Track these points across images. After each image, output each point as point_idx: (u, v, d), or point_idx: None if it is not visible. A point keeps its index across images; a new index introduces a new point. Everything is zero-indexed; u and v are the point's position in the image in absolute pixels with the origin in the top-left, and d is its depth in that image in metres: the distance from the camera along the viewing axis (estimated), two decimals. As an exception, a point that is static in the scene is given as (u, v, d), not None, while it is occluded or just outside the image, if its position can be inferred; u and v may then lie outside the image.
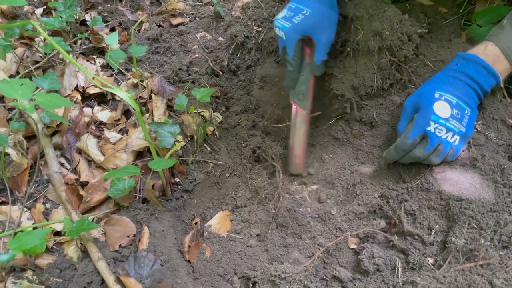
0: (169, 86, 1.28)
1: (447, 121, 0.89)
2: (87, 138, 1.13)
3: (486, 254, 0.78)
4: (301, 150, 1.13)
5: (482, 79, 0.92)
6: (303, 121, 1.12)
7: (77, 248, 0.95)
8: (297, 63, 1.06)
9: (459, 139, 0.91)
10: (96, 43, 1.44)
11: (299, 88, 1.10)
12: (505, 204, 0.86)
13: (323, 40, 1.02)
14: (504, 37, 0.92)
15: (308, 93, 1.10)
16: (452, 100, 0.91)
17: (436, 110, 0.90)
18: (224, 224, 1.02)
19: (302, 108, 1.11)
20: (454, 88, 0.92)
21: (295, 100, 1.11)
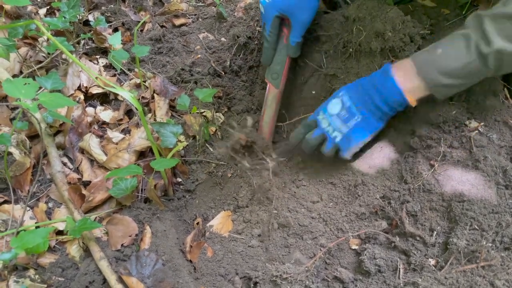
0: (171, 86, 1.28)
1: (331, 116, 0.99)
2: (89, 138, 1.13)
3: (487, 255, 0.78)
4: (269, 127, 1.19)
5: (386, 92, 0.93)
6: (274, 100, 1.16)
7: (79, 247, 0.95)
8: (273, 40, 1.10)
9: (341, 137, 0.98)
10: (99, 43, 1.45)
11: (274, 67, 1.14)
12: (507, 205, 0.86)
13: (298, 21, 1.04)
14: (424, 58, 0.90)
15: (281, 73, 1.14)
16: (347, 102, 0.97)
17: (329, 104, 0.99)
18: (225, 224, 1.02)
19: (274, 86, 1.15)
20: (356, 94, 0.97)
21: (269, 78, 1.15)
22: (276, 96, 1.15)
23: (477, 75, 0.85)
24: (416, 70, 0.89)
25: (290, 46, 1.10)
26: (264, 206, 1.03)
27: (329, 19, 1.21)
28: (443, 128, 1.01)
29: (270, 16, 1.06)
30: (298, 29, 1.06)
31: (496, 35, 0.79)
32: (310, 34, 1.24)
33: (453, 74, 0.85)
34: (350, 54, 1.13)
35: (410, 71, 0.90)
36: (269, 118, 1.18)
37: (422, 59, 0.89)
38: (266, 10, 1.06)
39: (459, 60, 0.83)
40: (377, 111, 0.95)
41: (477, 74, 0.84)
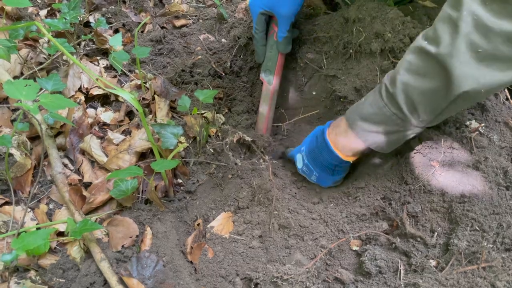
0: (172, 88, 1.28)
1: (300, 170, 1.08)
2: (90, 139, 1.13)
3: (488, 256, 0.78)
4: (264, 123, 1.21)
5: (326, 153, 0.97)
6: (267, 96, 1.18)
7: (80, 248, 0.95)
8: (260, 36, 1.13)
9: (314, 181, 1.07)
10: (99, 45, 1.45)
11: (267, 64, 1.16)
12: (508, 206, 0.86)
13: (282, 16, 1.07)
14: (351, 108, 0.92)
15: (274, 70, 1.15)
16: (305, 159, 1.04)
17: (297, 158, 1.08)
18: (226, 225, 1.02)
19: (267, 83, 1.17)
20: (309, 152, 1.03)
21: (262, 75, 1.18)
22: (269, 92, 1.17)
23: (397, 121, 0.82)
24: (345, 123, 0.91)
25: (278, 42, 1.12)
26: (264, 207, 1.03)
27: (329, 20, 1.21)
28: (443, 129, 1.01)
29: (255, 13, 1.09)
30: (283, 24, 1.08)
31: (401, 72, 0.77)
32: (310, 35, 1.24)
33: (371, 119, 0.85)
34: (350, 55, 1.13)
35: (340, 128, 0.92)
36: (263, 115, 1.20)
37: (349, 111, 0.91)
38: (252, 8, 1.10)
39: (374, 104, 0.84)
40: (327, 168, 1.00)
41: (396, 120, 0.82)
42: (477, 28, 0.64)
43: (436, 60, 0.70)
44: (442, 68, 0.70)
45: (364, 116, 0.86)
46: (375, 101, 0.84)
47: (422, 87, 0.74)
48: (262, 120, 1.22)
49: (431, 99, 0.75)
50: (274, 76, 1.16)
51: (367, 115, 0.85)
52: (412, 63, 0.75)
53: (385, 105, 0.81)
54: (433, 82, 0.72)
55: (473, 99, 0.75)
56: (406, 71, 0.76)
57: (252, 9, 1.11)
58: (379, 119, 0.84)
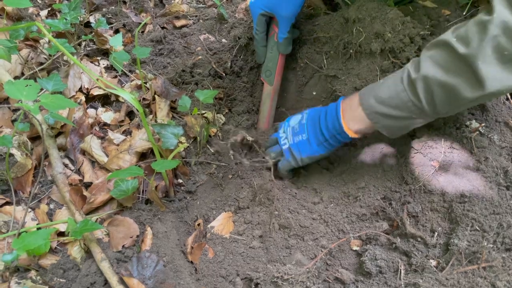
0: (172, 88, 1.28)
1: (289, 126, 1.07)
2: (91, 139, 1.13)
3: (489, 256, 0.78)
4: (264, 124, 1.23)
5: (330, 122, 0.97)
6: (268, 97, 1.19)
7: (81, 248, 0.96)
8: (260, 37, 1.14)
9: (286, 147, 1.07)
10: (100, 45, 1.45)
11: (267, 64, 1.17)
12: (508, 206, 0.86)
13: (282, 17, 1.07)
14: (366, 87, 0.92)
15: (274, 70, 1.16)
16: (303, 119, 1.04)
17: (293, 117, 1.08)
18: (226, 225, 1.02)
19: (268, 84, 1.18)
20: (312, 115, 1.03)
21: (263, 76, 1.19)
22: (270, 93, 1.18)
23: (412, 108, 0.82)
24: (358, 99, 0.90)
25: (278, 43, 1.13)
26: (265, 207, 1.03)
27: (329, 20, 1.21)
28: (444, 129, 1.01)
29: (255, 15, 1.10)
30: (284, 25, 1.09)
31: (425, 61, 0.78)
32: (310, 35, 1.24)
33: (386, 102, 0.85)
34: (351, 55, 1.13)
35: (354, 101, 0.92)
36: (264, 116, 1.22)
37: (365, 89, 0.91)
38: (252, 9, 1.11)
39: (392, 87, 0.84)
40: (319, 135, 1.00)
41: (411, 107, 0.82)
42: (505, 31, 0.66)
43: (463, 59, 0.71)
44: (468, 67, 0.71)
45: (379, 97, 0.85)
46: (394, 84, 0.84)
47: (444, 81, 0.75)
48: (263, 120, 1.22)
49: (451, 94, 0.75)
50: (275, 77, 1.17)
51: (382, 97, 0.85)
52: (437, 56, 0.76)
53: (404, 89, 0.81)
54: (456, 79, 0.73)
55: (492, 98, 0.77)
56: (430, 62, 0.77)
57: (252, 10, 1.11)
58: (394, 103, 0.84)
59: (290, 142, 1.06)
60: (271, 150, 1.11)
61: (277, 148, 1.09)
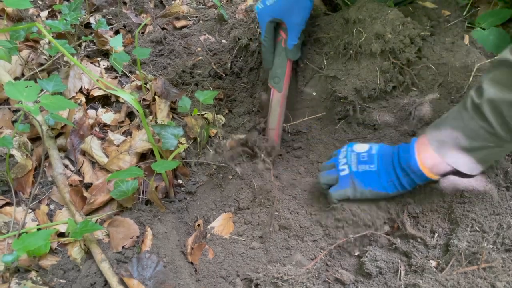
0: (172, 89, 1.28)
1: (352, 152, 0.95)
2: (91, 140, 1.13)
3: (488, 257, 0.78)
4: (275, 131, 1.19)
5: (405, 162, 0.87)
6: (277, 103, 1.16)
7: (81, 249, 0.96)
8: (269, 44, 1.11)
9: (346, 173, 0.93)
10: (100, 46, 1.45)
11: (275, 71, 1.15)
12: (508, 207, 0.86)
13: (292, 23, 1.06)
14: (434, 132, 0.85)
15: (283, 77, 1.14)
16: (373, 150, 0.93)
17: (358, 144, 0.97)
18: (226, 226, 1.02)
19: (277, 90, 1.15)
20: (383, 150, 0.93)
21: (271, 83, 1.16)
22: (279, 99, 1.16)
23: (485, 136, 0.77)
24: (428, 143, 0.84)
25: (288, 50, 1.11)
26: (265, 208, 1.03)
27: (329, 21, 1.21)
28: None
29: (264, 22, 1.07)
30: (294, 32, 1.08)
31: (487, 84, 0.75)
32: (310, 36, 1.24)
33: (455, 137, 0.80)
34: (351, 56, 1.13)
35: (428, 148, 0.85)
36: (274, 122, 1.18)
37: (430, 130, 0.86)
38: (260, 16, 1.08)
39: (459, 118, 0.80)
40: (391, 171, 0.89)
41: (484, 134, 0.77)
42: None
43: None
44: None
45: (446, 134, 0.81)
46: (459, 114, 0.80)
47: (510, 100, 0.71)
48: (273, 128, 1.19)
49: None
50: (284, 83, 1.16)
51: (449, 133, 0.81)
52: (499, 75, 0.73)
53: (472, 117, 0.77)
54: None
55: None
56: (492, 83, 0.74)
57: (260, 17, 1.09)
58: (465, 134, 0.79)
59: (353, 169, 0.93)
60: (325, 174, 0.98)
61: (332, 173, 0.97)
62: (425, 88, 1.10)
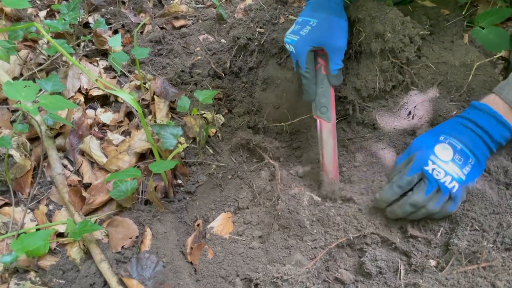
0: (171, 88, 1.28)
1: (447, 164, 0.86)
2: (90, 140, 1.13)
3: (488, 256, 0.78)
4: (333, 164, 1.07)
5: (492, 129, 0.87)
6: (329, 134, 1.06)
7: (80, 249, 0.95)
8: (311, 75, 1.02)
9: (458, 186, 0.85)
10: (99, 45, 1.45)
11: (320, 100, 1.05)
12: (508, 206, 0.86)
13: (334, 48, 0.98)
14: None
15: (330, 105, 1.05)
16: (457, 145, 0.88)
17: (436, 151, 0.87)
18: (226, 226, 1.02)
19: (326, 121, 1.05)
20: (461, 135, 0.89)
21: (317, 114, 1.06)
22: (330, 130, 1.06)
23: None
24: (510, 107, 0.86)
25: (331, 75, 1.01)
26: (264, 207, 1.03)
27: (329, 20, 1.21)
28: (443, 128, 1.00)
29: (303, 53, 0.99)
30: (337, 55, 1.00)
31: None
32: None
33: None
34: (350, 55, 1.13)
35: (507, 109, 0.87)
36: (330, 156, 1.07)
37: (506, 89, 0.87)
38: (298, 48, 1.00)
39: None
40: (486, 151, 0.89)
41: None
42: None
43: None
44: None
45: None
46: None
47: None
48: (330, 162, 1.07)
49: None
50: (332, 112, 1.06)
51: None
52: None
53: None
54: None
55: None
56: None
57: (298, 49, 1.00)
58: None
59: (462, 177, 0.86)
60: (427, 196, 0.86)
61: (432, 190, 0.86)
62: (424, 87, 1.10)
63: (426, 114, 1.06)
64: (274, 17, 1.40)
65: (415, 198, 0.86)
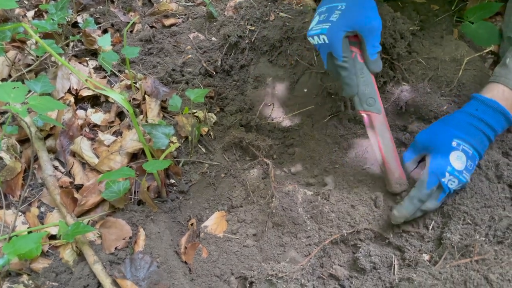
0: (162, 87, 1.27)
1: (461, 173, 0.86)
2: (81, 141, 1.12)
3: (481, 249, 0.79)
4: (395, 161, 0.96)
5: (499, 126, 0.89)
6: (383, 127, 0.97)
7: (73, 251, 0.95)
8: (351, 64, 0.92)
9: (460, 185, 0.89)
10: (88, 45, 1.43)
11: (364, 92, 0.95)
12: (499, 199, 0.87)
13: (371, 29, 0.89)
14: None
15: (376, 95, 0.96)
16: (469, 151, 0.87)
17: (452, 161, 0.86)
18: (220, 225, 1.02)
19: (376, 113, 0.96)
20: (472, 137, 0.88)
21: (364, 108, 0.96)
22: (383, 121, 0.97)
23: None
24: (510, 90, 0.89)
25: (371, 61, 0.92)
26: (258, 205, 1.03)
27: (319, 17, 1.20)
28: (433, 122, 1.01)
29: (338, 40, 0.89)
30: (374, 37, 0.90)
31: None
32: (300, 32, 1.24)
33: None
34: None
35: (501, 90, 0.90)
36: (390, 151, 0.97)
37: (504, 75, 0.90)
38: (331, 35, 0.89)
39: None
40: (486, 142, 0.91)
41: None
42: None
43: None
44: None
45: None
46: None
47: None
48: (392, 158, 0.96)
49: None
50: (379, 101, 0.97)
51: None
52: None
53: None
54: None
55: None
56: None
57: (332, 36, 0.89)
58: None
59: (469, 179, 0.88)
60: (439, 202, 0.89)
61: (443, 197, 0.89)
62: (415, 82, 1.10)
63: (417, 109, 1.07)
64: (265, 15, 1.40)
65: (429, 206, 0.88)
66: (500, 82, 0.90)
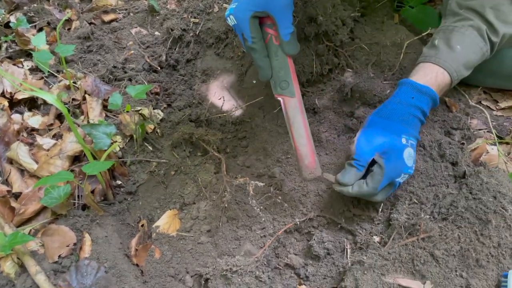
0: (104, 86, 1.22)
1: (411, 168, 0.87)
2: (17, 147, 1.06)
3: (426, 227, 0.80)
4: (308, 146, 0.92)
5: (428, 110, 0.92)
6: (296, 111, 0.93)
7: (14, 263, 0.89)
8: (260, 45, 0.89)
9: None
10: (22, 46, 1.35)
11: (277, 75, 0.92)
12: (443, 177, 0.90)
13: (280, 8, 0.86)
14: (449, 58, 0.92)
15: (290, 78, 0.92)
16: (414, 143, 0.89)
17: (406, 160, 0.86)
18: (172, 223, 0.99)
19: (289, 96, 0.93)
20: (413, 128, 0.90)
21: (278, 91, 0.93)
22: (297, 105, 0.93)
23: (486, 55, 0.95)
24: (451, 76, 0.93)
25: (284, 43, 0.88)
26: (211, 200, 1.01)
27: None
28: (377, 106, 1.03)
29: (245, 20, 0.85)
30: (286, 17, 0.87)
31: (499, 23, 0.92)
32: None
33: (472, 65, 0.95)
34: (285, 40, 1.12)
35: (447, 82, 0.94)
36: (302, 136, 0.92)
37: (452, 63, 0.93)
38: (238, 15, 0.86)
39: (478, 52, 0.94)
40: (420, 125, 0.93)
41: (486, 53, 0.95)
42: None
43: None
44: None
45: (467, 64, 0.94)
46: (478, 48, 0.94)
47: None
48: (303, 144, 0.92)
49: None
50: (294, 85, 0.93)
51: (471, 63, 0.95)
52: None
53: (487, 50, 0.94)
54: None
55: None
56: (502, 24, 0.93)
57: (239, 16, 0.86)
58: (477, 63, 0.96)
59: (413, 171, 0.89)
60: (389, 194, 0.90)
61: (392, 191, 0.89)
62: (359, 68, 1.11)
63: (362, 95, 1.08)
64: (208, 6, 1.37)
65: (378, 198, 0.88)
66: (431, 61, 0.93)
